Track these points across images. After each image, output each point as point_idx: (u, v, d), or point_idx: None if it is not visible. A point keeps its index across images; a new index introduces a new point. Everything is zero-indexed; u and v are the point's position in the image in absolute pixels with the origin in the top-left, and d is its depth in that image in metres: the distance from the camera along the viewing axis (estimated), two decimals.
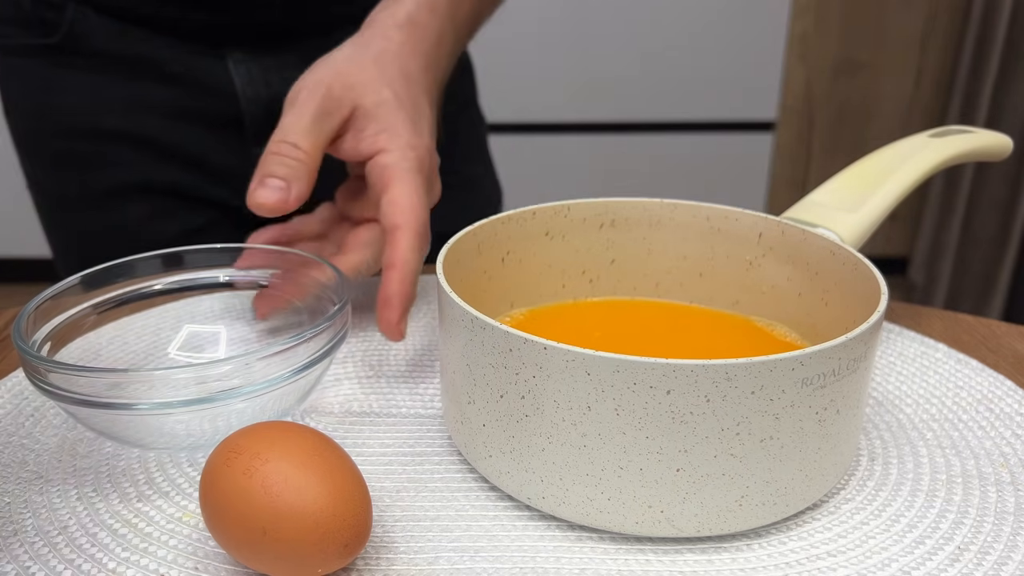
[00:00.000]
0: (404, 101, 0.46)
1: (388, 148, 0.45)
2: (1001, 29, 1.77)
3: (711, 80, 1.91)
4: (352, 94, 0.46)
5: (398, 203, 0.43)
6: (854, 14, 1.89)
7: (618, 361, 0.30)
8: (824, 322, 0.41)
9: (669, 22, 1.85)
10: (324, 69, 0.46)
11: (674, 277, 0.47)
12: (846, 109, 1.98)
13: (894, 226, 2.07)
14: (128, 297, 0.45)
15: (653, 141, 1.97)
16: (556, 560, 0.33)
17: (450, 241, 0.40)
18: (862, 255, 0.39)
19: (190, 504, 0.36)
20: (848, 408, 0.33)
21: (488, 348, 0.33)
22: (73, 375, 0.34)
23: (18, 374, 0.46)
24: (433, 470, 0.38)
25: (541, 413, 0.32)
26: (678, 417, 0.30)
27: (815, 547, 0.33)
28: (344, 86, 0.46)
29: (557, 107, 1.92)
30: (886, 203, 0.45)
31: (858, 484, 0.37)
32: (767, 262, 0.44)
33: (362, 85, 0.46)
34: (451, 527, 0.35)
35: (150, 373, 0.35)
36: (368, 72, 0.46)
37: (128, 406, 0.34)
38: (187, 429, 0.38)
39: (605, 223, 0.46)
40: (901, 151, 0.49)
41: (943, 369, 0.47)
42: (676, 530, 0.33)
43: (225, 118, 0.65)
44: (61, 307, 0.41)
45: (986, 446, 0.40)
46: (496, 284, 0.44)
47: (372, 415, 0.42)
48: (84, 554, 0.33)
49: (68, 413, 0.37)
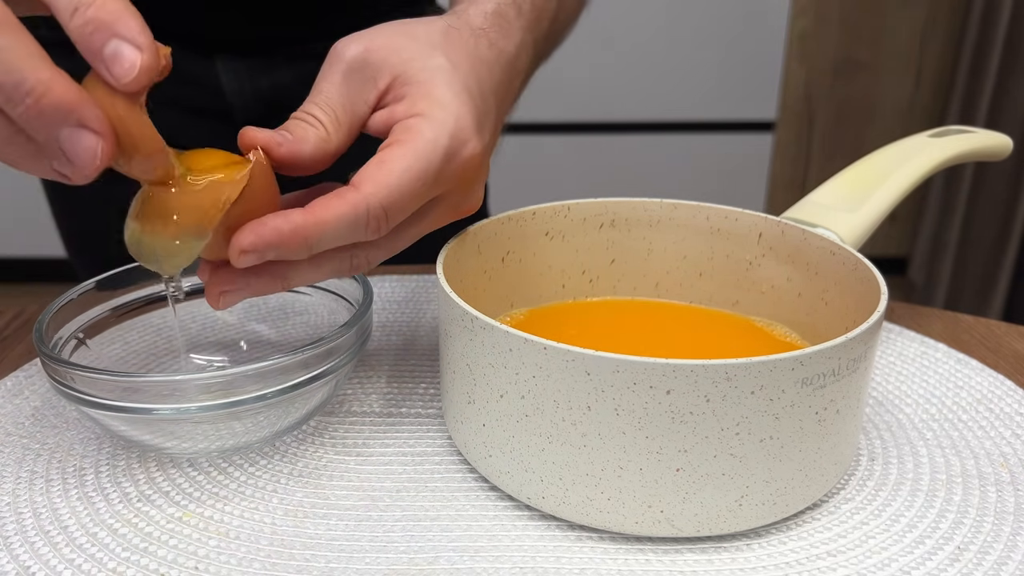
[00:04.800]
0: (465, 74, 0.36)
1: (426, 114, 0.34)
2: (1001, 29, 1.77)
3: (711, 80, 1.91)
4: (395, 59, 0.36)
5: (383, 166, 0.33)
6: (854, 14, 1.89)
7: (618, 361, 0.30)
8: (824, 322, 0.41)
9: (669, 22, 1.85)
10: (369, 34, 0.37)
11: (674, 277, 0.47)
12: (846, 109, 1.98)
13: (894, 226, 2.07)
14: (148, 299, 0.45)
15: (653, 141, 1.97)
16: (556, 560, 0.33)
17: (450, 241, 0.40)
18: (862, 255, 0.39)
19: (190, 504, 0.36)
20: (848, 408, 0.33)
21: (488, 348, 0.33)
22: (93, 377, 0.35)
23: (18, 374, 0.46)
24: (433, 470, 0.38)
25: (541, 413, 0.32)
26: (678, 417, 0.30)
27: (815, 547, 0.33)
28: (387, 50, 0.36)
29: (557, 107, 1.92)
30: (886, 203, 0.45)
31: (858, 484, 0.37)
32: (767, 262, 0.44)
33: (409, 52, 0.36)
34: (451, 527, 0.35)
35: (170, 378, 0.35)
36: (421, 42, 0.37)
37: (147, 411, 0.35)
38: (203, 433, 0.38)
39: (605, 223, 0.46)
40: (901, 151, 0.49)
41: (943, 369, 0.47)
42: (676, 530, 0.33)
43: (213, 110, 0.66)
44: (82, 308, 0.42)
45: (986, 446, 0.40)
46: (496, 284, 0.44)
47: (372, 415, 0.42)
48: (84, 554, 0.33)
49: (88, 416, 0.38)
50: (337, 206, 0.32)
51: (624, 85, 1.91)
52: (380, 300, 0.55)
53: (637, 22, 1.85)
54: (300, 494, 0.37)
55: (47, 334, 0.38)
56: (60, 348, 0.39)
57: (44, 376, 0.45)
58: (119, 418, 0.36)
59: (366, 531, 0.34)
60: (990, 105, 1.82)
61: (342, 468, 0.38)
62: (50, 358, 0.35)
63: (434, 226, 0.38)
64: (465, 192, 0.37)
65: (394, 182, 0.33)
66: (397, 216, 0.34)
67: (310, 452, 0.40)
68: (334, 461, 0.39)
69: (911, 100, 1.97)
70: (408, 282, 0.58)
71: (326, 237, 0.32)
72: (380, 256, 0.37)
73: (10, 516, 0.35)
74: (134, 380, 0.35)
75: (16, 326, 0.52)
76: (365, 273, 0.48)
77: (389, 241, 0.36)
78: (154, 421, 0.36)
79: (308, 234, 0.32)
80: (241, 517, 0.35)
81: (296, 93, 0.38)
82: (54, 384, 0.36)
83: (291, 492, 0.37)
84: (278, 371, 0.36)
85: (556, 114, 1.93)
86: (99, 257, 0.57)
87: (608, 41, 1.86)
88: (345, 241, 0.33)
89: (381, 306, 0.54)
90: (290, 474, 0.38)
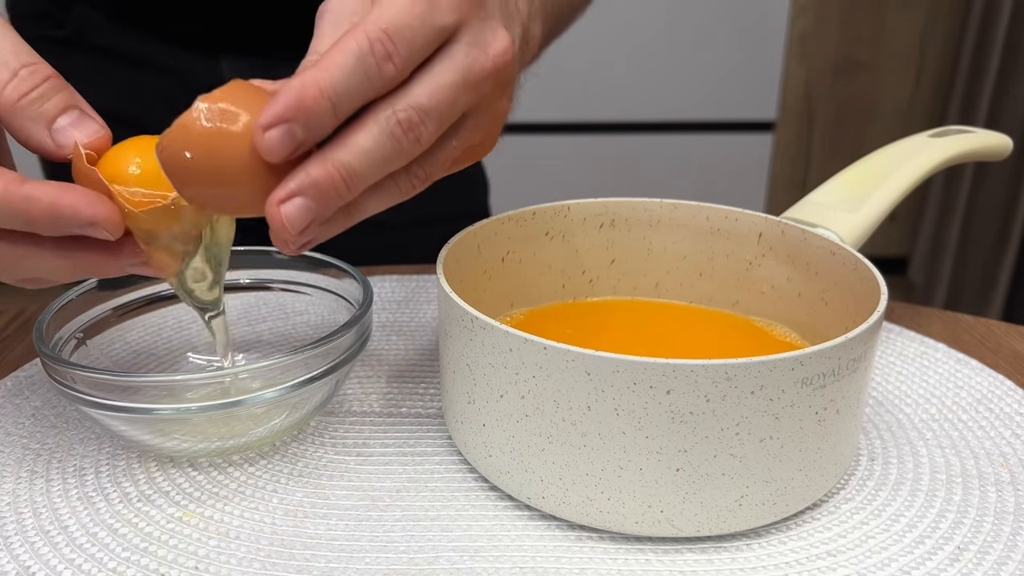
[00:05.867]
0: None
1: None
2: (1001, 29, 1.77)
3: (711, 80, 1.91)
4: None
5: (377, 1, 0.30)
6: (854, 14, 1.89)
7: (618, 361, 0.30)
8: (824, 322, 0.41)
9: (669, 22, 1.85)
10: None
11: (674, 277, 0.47)
12: (846, 109, 1.97)
13: (894, 226, 2.07)
14: (149, 299, 0.45)
15: (653, 141, 1.97)
16: (556, 560, 0.33)
17: (450, 241, 0.40)
18: (862, 255, 0.39)
19: (191, 504, 0.36)
20: (848, 408, 0.33)
21: (488, 348, 0.33)
22: (93, 376, 0.35)
23: (18, 374, 0.46)
24: (433, 470, 0.38)
25: (541, 413, 0.32)
26: (678, 417, 0.30)
27: (815, 547, 0.33)
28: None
29: (557, 107, 1.92)
30: (886, 203, 0.45)
31: (858, 484, 0.37)
32: (767, 262, 0.44)
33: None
34: (451, 527, 0.35)
35: (170, 378, 0.35)
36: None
37: (147, 411, 0.35)
38: (203, 433, 0.38)
39: (605, 223, 0.46)
40: (901, 151, 0.49)
41: (943, 369, 0.47)
42: (676, 530, 0.33)
43: None
44: (82, 308, 0.42)
45: (986, 446, 0.40)
46: (496, 284, 0.44)
47: (372, 415, 0.42)
48: (84, 554, 0.33)
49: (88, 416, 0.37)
50: (336, 46, 0.29)
51: (624, 85, 1.91)
52: (380, 300, 0.55)
53: (637, 22, 1.85)
54: (300, 494, 0.37)
55: (47, 334, 0.38)
56: (60, 348, 0.39)
57: (44, 376, 0.45)
58: (119, 418, 0.36)
59: (366, 531, 0.34)
60: (990, 105, 1.82)
61: (342, 468, 0.38)
62: (50, 358, 0.35)
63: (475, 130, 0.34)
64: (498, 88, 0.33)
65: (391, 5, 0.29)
66: (406, 43, 0.30)
67: (310, 452, 0.40)
68: (334, 461, 0.39)
69: (911, 100, 1.97)
70: (408, 282, 0.58)
71: (338, 80, 0.28)
72: (433, 168, 0.33)
73: (10, 516, 0.35)
74: (134, 380, 0.35)
75: (16, 326, 0.52)
76: (366, 273, 0.48)
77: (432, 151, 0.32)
78: (154, 421, 0.36)
79: (318, 80, 0.28)
80: (241, 517, 0.35)
81: None
82: (54, 384, 0.36)
83: (291, 492, 0.37)
84: (278, 371, 0.36)
85: (556, 114, 1.93)
86: None
87: (608, 41, 1.86)
88: (362, 86, 0.29)
89: (381, 306, 0.54)
90: (290, 474, 0.38)
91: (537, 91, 2.05)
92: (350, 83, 0.29)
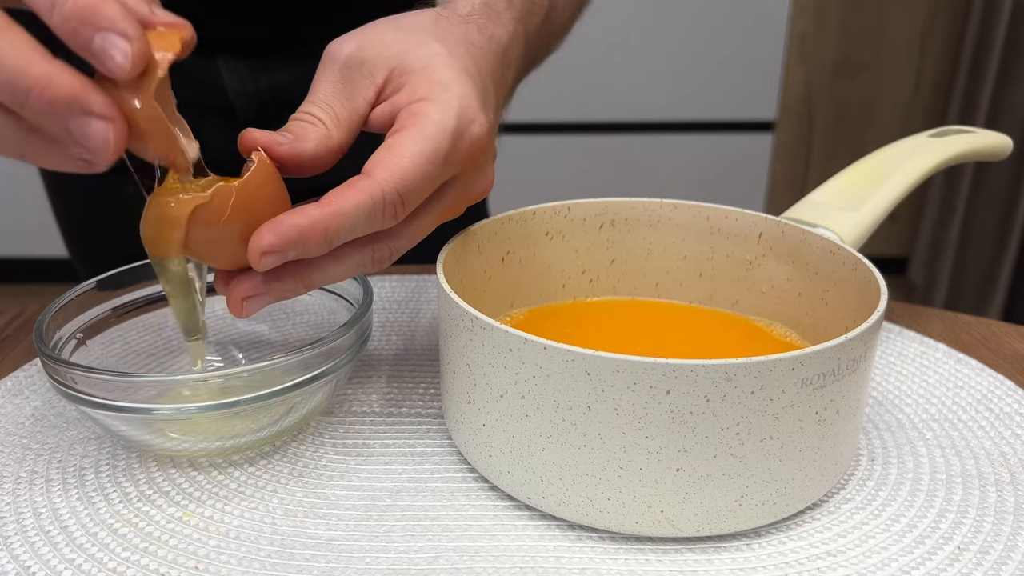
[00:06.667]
0: (461, 57, 0.37)
1: (430, 97, 0.34)
2: (1001, 29, 1.77)
3: (711, 80, 1.91)
4: (388, 52, 0.36)
5: (393, 151, 0.33)
6: (854, 14, 1.89)
7: (618, 361, 0.30)
8: (824, 322, 0.41)
9: (669, 22, 1.85)
10: (360, 32, 0.37)
11: (674, 277, 0.47)
12: (846, 109, 1.98)
13: (894, 226, 2.07)
14: (149, 299, 0.45)
15: (653, 141, 1.97)
16: (556, 560, 0.33)
17: (450, 241, 0.40)
18: (862, 255, 0.39)
19: (190, 504, 0.36)
20: (848, 408, 0.33)
21: (488, 348, 0.33)
22: (93, 376, 0.35)
23: (18, 374, 0.46)
24: (433, 470, 0.38)
25: (541, 413, 0.32)
26: (678, 417, 0.30)
27: (815, 547, 0.33)
28: (380, 45, 0.36)
29: (557, 107, 1.92)
30: (886, 203, 0.45)
31: (858, 484, 0.37)
32: (767, 262, 0.44)
33: (403, 43, 0.36)
34: (451, 527, 0.35)
35: (170, 378, 0.35)
36: (413, 32, 0.37)
37: (147, 411, 0.35)
38: (203, 433, 0.38)
39: (605, 223, 0.46)
40: (901, 151, 0.49)
41: (943, 369, 0.47)
42: (676, 530, 0.33)
43: (216, 108, 0.66)
44: (82, 308, 0.42)
45: (986, 446, 0.40)
46: (496, 284, 0.44)
47: (372, 415, 0.42)
48: (84, 554, 0.33)
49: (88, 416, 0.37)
50: (352, 195, 0.32)
51: (624, 85, 1.91)
52: (380, 300, 0.55)
53: (637, 22, 1.85)
54: (300, 494, 0.37)
55: (47, 334, 0.38)
56: (60, 348, 0.39)
57: (44, 376, 0.45)
58: (119, 418, 0.36)
59: (366, 531, 0.34)
60: (990, 105, 1.82)
61: (342, 468, 0.38)
62: (50, 358, 0.35)
63: (450, 211, 0.37)
64: (477, 172, 0.37)
65: (407, 165, 0.32)
66: (412, 200, 0.33)
67: (310, 452, 0.40)
68: (334, 461, 0.39)
69: (911, 100, 1.97)
70: (408, 282, 0.58)
71: (344, 228, 0.32)
72: (402, 246, 0.36)
73: (10, 516, 0.35)
74: (134, 380, 0.35)
75: (16, 326, 0.52)
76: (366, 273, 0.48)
77: (408, 230, 0.36)
78: (154, 421, 0.36)
79: (326, 226, 0.31)
80: (241, 517, 0.35)
81: (299, 92, 0.37)
82: (54, 384, 0.36)
83: (291, 492, 0.37)
84: (278, 371, 0.36)
85: (556, 114, 1.93)
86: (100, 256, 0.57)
87: (608, 41, 1.86)
88: (364, 230, 0.33)
89: (381, 306, 0.54)
90: (290, 474, 0.38)
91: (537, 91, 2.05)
92: (353, 230, 0.32)
